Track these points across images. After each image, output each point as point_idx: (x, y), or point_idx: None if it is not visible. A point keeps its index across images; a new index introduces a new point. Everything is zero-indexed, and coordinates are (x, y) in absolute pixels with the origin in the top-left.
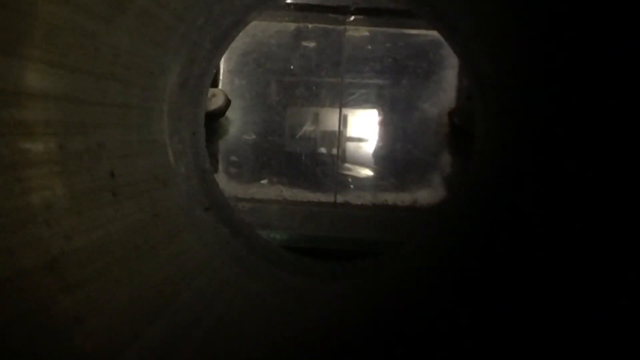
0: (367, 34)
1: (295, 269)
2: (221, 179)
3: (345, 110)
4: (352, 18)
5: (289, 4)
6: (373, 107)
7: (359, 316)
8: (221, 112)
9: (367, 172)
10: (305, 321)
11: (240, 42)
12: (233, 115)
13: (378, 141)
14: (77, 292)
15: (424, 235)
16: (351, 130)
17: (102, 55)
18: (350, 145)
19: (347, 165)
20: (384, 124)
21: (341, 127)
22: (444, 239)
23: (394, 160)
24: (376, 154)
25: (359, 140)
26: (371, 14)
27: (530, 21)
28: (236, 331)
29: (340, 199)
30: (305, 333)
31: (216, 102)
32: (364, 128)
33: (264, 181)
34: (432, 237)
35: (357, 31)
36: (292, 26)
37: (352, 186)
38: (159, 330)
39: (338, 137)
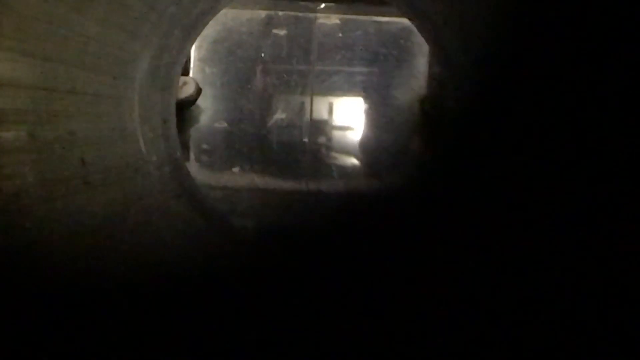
0: (338, 21)
1: (267, 255)
2: (193, 167)
3: (316, 98)
4: (323, 5)
5: None
6: (344, 95)
7: (336, 301)
8: (192, 100)
9: (336, 159)
10: (279, 307)
11: (211, 30)
12: (204, 103)
13: (350, 128)
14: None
15: (395, 221)
16: (323, 118)
17: (72, 43)
18: (322, 133)
19: (316, 152)
20: (355, 111)
21: (313, 115)
22: (415, 224)
23: (366, 147)
24: (348, 141)
25: (331, 127)
26: (342, 2)
27: (498, 8)
28: (212, 320)
29: (312, 186)
30: (281, 319)
31: (187, 91)
32: (335, 116)
33: (236, 169)
34: (403, 223)
35: (328, 19)
36: (262, 14)
37: (319, 173)
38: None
39: (310, 125)
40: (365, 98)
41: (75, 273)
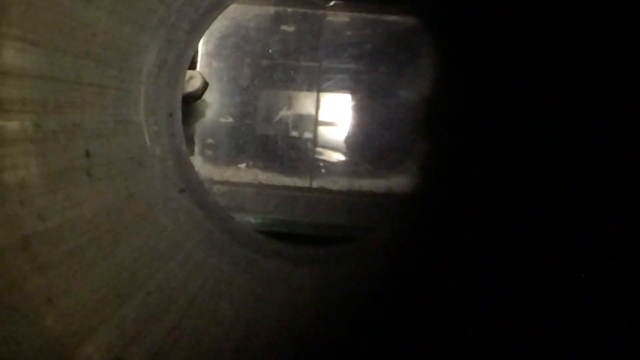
0: (347, 19)
1: (268, 252)
2: (197, 161)
3: (322, 95)
4: (332, 3)
5: None
6: (350, 93)
7: (331, 301)
8: (198, 94)
9: (341, 157)
10: (277, 304)
11: (219, 24)
12: (210, 98)
13: (355, 127)
14: (50, 273)
15: (398, 221)
16: (329, 116)
17: (79, 34)
18: (327, 131)
19: (320, 149)
20: (361, 109)
21: (319, 112)
22: (418, 225)
23: (371, 146)
24: (353, 139)
25: (336, 125)
26: (351, 0)
27: (505, 12)
28: (208, 313)
29: (315, 184)
30: (277, 316)
31: (194, 85)
32: (341, 113)
33: (240, 164)
34: (406, 224)
35: (337, 16)
36: (271, 10)
37: (323, 171)
38: (131, 311)
39: (315, 122)
40: (371, 96)
41: (77, 265)
